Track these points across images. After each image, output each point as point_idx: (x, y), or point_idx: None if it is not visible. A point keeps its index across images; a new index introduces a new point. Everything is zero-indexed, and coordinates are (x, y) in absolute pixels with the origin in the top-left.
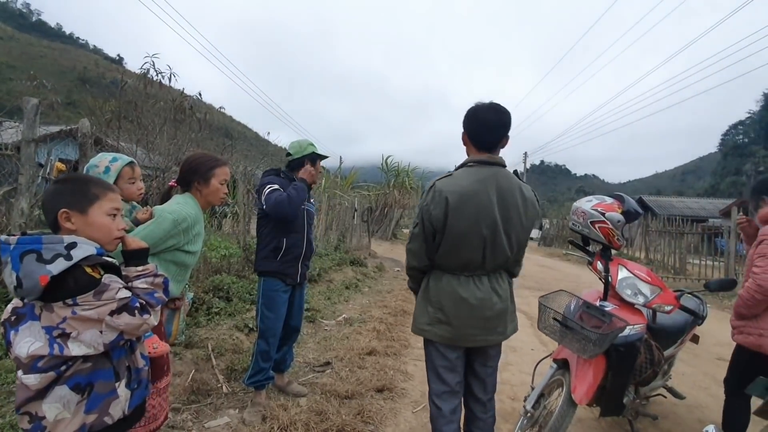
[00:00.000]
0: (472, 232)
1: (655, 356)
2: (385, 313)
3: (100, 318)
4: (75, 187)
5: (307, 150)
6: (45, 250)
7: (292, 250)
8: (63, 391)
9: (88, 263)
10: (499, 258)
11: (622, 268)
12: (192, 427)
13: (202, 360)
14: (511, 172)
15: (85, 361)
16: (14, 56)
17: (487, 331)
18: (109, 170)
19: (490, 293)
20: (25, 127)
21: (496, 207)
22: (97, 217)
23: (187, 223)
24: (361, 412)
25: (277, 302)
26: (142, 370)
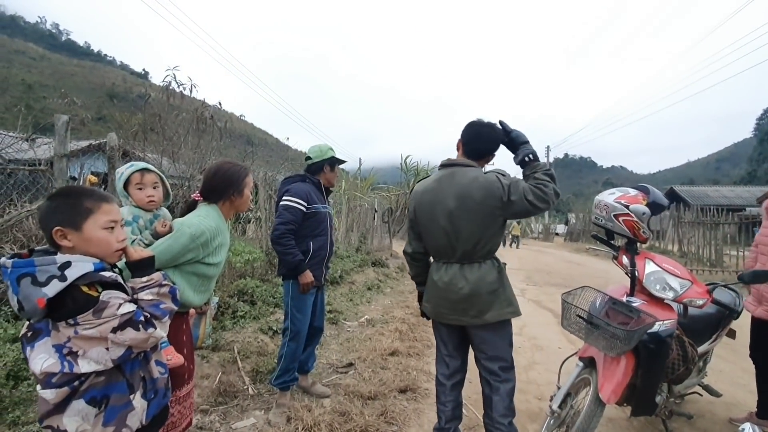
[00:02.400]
0: (432, 222)
1: (688, 353)
2: (408, 314)
3: (103, 336)
4: (67, 202)
5: (327, 154)
6: (39, 272)
7: (319, 252)
8: (80, 405)
9: (84, 282)
10: (465, 245)
11: (650, 262)
12: (219, 428)
13: (229, 362)
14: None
15: (99, 376)
16: (46, 75)
17: (456, 311)
18: (122, 176)
19: (458, 278)
20: (56, 143)
21: (452, 200)
22: (93, 232)
23: (205, 237)
24: (384, 412)
25: (307, 304)
26: (159, 380)
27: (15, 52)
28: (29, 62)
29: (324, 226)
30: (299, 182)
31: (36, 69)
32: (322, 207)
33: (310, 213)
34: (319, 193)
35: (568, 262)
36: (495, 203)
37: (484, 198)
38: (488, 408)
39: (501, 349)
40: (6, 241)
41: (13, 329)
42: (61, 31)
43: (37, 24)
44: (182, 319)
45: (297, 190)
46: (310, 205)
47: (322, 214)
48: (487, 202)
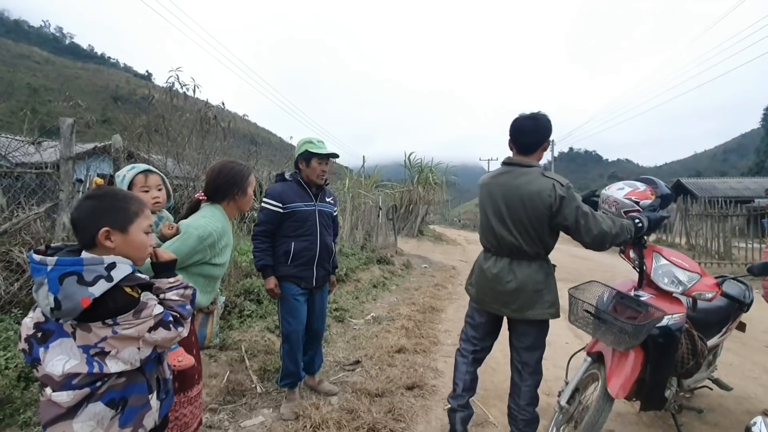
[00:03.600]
0: (485, 217)
1: (698, 346)
2: (414, 311)
3: (140, 336)
4: (116, 205)
5: (300, 149)
6: (86, 272)
7: (304, 253)
8: (97, 408)
9: (127, 283)
10: (508, 242)
11: (658, 256)
12: (228, 427)
13: (236, 361)
14: (533, 170)
15: (119, 377)
16: (51, 79)
17: (499, 302)
18: (125, 178)
19: (506, 272)
20: (62, 146)
21: (501, 199)
22: (136, 236)
23: (212, 238)
24: (391, 409)
25: (295, 306)
26: (169, 381)
27: (19, 56)
28: (34, 66)
29: (310, 225)
30: (278, 182)
31: (41, 73)
32: (305, 206)
33: (287, 213)
34: (302, 191)
35: (575, 256)
36: (543, 209)
37: (532, 201)
38: (516, 395)
39: (538, 344)
40: (15, 243)
41: None
42: (65, 35)
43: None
44: (192, 321)
45: (271, 191)
46: (287, 204)
47: (305, 213)
48: (535, 205)
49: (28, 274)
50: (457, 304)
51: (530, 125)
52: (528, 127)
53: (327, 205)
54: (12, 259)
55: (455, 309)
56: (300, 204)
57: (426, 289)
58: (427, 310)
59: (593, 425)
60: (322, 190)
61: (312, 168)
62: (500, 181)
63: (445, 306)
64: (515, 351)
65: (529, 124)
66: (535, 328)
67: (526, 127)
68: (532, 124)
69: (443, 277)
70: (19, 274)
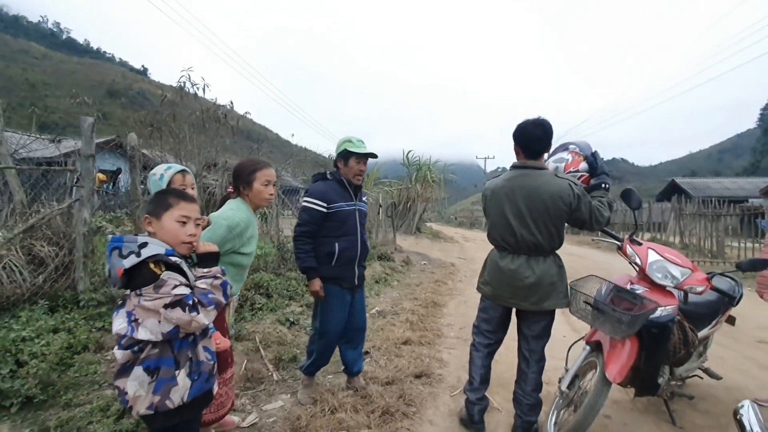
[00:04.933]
0: (501, 218)
1: (689, 337)
2: (416, 305)
3: (156, 309)
4: (159, 198)
5: (339, 148)
6: (124, 247)
7: (346, 253)
8: (139, 372)
9: (154, 260)
10: (528, 240)
11: (652, 252)
12: (252, 410)
13: (252, 351)
14: (545, 172)
15: (153, 348)
16: (48, 74)
17: (518, 297)
18: (163, 177)
19: (525, 268)
20: (83, 144)
21: (522, 201)
22: (167, 223)
23: (240, 227)
24: (402, 395)
25: (336, 307)
26: (203, 363)
27: (18, 52)
28: (32, 61)
29: (350, 224)
30: (319, 181)
31: (38, 68)
32: (347, 205)
33: (331, 213)
34: (343, 190)
35: (571, 254)
36: (564, 207)
37: (554, 201)
38: (522, 382)
39: (546, 332)
40: (37, 238)
41: (52, 321)
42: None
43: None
44: (223, 309)
45: (314, 190)
46: (331, 204)
47: (346, 213)
48: (557, 205)
49: (52, 267)
50: (457, 299)
51: (540, 132)
52: (539, 134)
53: (363, 204)
54: (36, 253)
55: (456, 304)
56: (342, 204)
57: (427, 285)
58: (430, 305)
59: (592, 407)
60: (360, 190)
61: (350, 167)
62: (519, 183)
63: (447, 301)
64: (525, 340)
65: (540, 131)
66: (547, 317)
67: (536, 135)
68: (542, 131)
69: (443, 274)
70: (43, 267)
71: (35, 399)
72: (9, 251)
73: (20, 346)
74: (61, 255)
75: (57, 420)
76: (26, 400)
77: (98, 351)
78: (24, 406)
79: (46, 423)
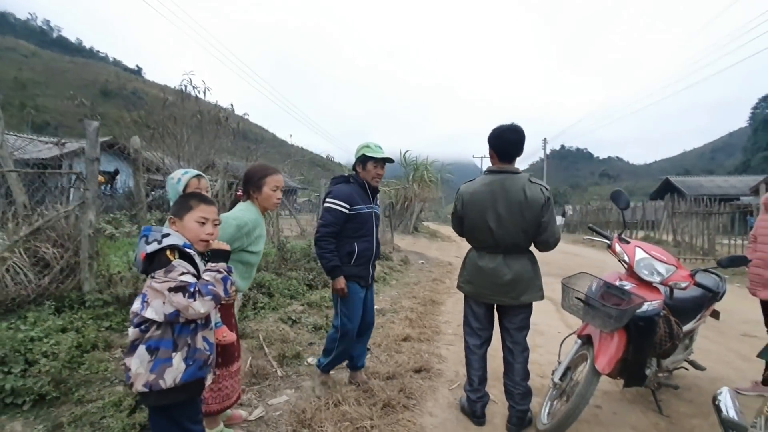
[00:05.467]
0: (480, 221)
1: (674, 330)
2: (415, 303)
3: (162, 291)
4: (182, 201)
5: (358, 153)
6: (150, 236)
7: (365, 253)
8: (141, 350)
9: (172, 249)
10: (507, 240)
11: (639, 250)
12: (258, 404)
13: (256, 349)
14: (521, 176)
15: (157, 329)
16: (38, 72)
17: (498, 293)
18: (180, 181)
19: (503, 266)
20: (87, 147)
21: (502, 205)
22: (188, 222)
23: (248, 227)
24: (402, 389)
25: (356, 304)
26: (199, 351)
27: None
28: (21, 59)
29: (368, 226)
30: (342, 183)
31: (27, 66)
32: (366, 208)
33: (353, 214)
34: (363, 193)
35: (566, 253)
36: (538, 209)
37: (530, 204)
38: (510, 373)
39: (527, 324)
40: (42, 240)
41: (60, 321)
42: (53, 28)
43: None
44: (231, 304)
45: (339, 192)
46: (353, 206)
47: (366, 215)
48: (532, 206)
49: (57, 268)
50: (455, 297)
51: (516, 138)
52: (514, 139)
53: (378, 207)
54: (41, 255)
55: (454, 302)
56: (363, 206)
57: (425, 284)
58: (428, 303)
59: (582, 396)
60: (377, 192)
61: (368, 171)
62: (498, 187)
63: (445, 299)
64: (507, 333)
65: (515, 136)
66: (526, 310)
67: (512, 140)
68: (517, 137)
69: (441, 273)
70: (48, 269)
71: (47, 396)
72: (13, 254)
73: (29, 345)
74: (67, 256)
75: (70, 416)
76: (39, 397)
77: (107, 349)
78: (36, 403)
79: (59, 419)
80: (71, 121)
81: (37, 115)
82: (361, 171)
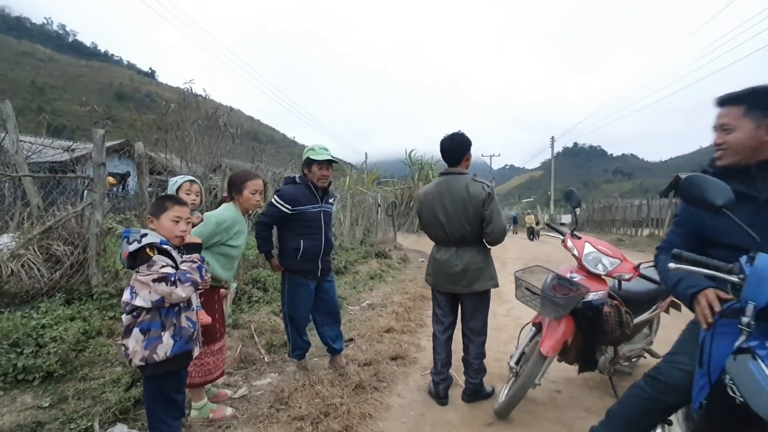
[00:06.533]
0: (433, 218)
1: (624, 319)
2: (405, 298)
3: (147, 282)
4: (159, 202)
5: (304, 156)
6: (131, 236)
7: (311, 250)
8: (136, 332)
9: (150, 246)
10: (455, 234)
11: (588, 245)
12: (242, 384)
13: (247, 338)
14: (465, 176)
15: (147, 314)
16: (55, 77)
17: (452, 282)
18: (176, 183)
19: (454, 258)
20: (95, 153)
21: (448, 202)
22: (164, 222)
23: (227, 224)
24: (376, 374)
25: (302, 295)
26: (184, 329)
27: (22, 54)
28: (37, 64)
29: (316, 224)
30: (290, 184)
31: (44, 71)
32: (313, 207)
33: (295, 214)
34: (310, 193)
35: (553, 244)
36: (479, 204)
37: (472, 200)
38: (466, 353)
39: (481, 312)
40: (54, 238)
41: (69, 311)
42: (68, 32)
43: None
44: (214, 291)
45: (284, 192)
46: (295, 207)
47: (313, 214)
48: (473, 203)
49: (67, 264)
50: None
51: (449, 144)
52: (447, 146)
53: (329, 206)
54: (53, 252)
55: None
56: (308, 206)
57: (419, 280)
58: (418, 298)
59: (529, 377)
60: (327, 192)
61: (313, 173)
62: (445, 187)
63: None
64: (464, 319)
65: (448, 143)
66: (479, 297)
67: (446, 146)
68: (450, 143)
69: None
70: (60, 265)
71: (55, 374)
72: (27, 251)
73: (40, 332)
74: (76, 253)
75: (74, 390)
76: (47, 375)
77: (110, 336)
78: (44, 380)
79: (64, 393)
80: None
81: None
82: (308, 173)
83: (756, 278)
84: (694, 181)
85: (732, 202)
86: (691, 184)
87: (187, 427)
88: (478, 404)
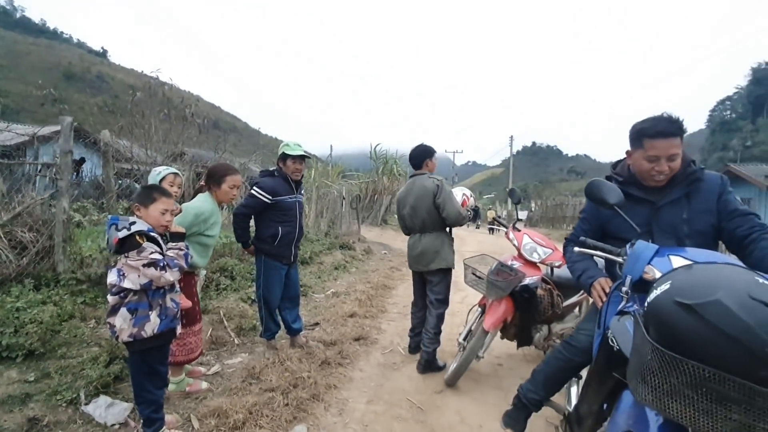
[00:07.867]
0: (401, 212)
1: (555, 301)
2: (368, 287)
3: (137, 267)
4: (147, 192)
5: (279, 151)
6: (119, 224)
7: (288, 236)
8: (123, 311)
9: (139, 234)
10: (417, 222)
11: (526, 236)
12: (215, 363)
13: (217, 322)
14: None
15: (134, 295)
16: (0, 55)
17: (416, 263)
18: (160, 174)
19: (416, 242)
20: (61, 141)
21: (411, 198)
22: (152, 211)
23: (204, 215)
24: (340, 352)
25: (276, 278)
26: (169, 309)
27: None
28: None
29: (292, 213)
30: (268, 177)
31: None
32: (290, 198)
33: (275, 204)
34: (287, 185)
35: (500, 238)
36: (431, 196)
37: (426, 193)
38: (426, 324)
39: (441, 288)
40: (18, 224)
41: (40, 296)
42: (15, 8)
43: None
44: (192, 276)
45: (264, 184)
46: (275, 197)
47: (290, 203)
48: (427, 195)
49: (33, 251)
50: (407, 283)
51: (413, 152)
52: (413, 153)
53: (301, 197)
54: (19, 239)
55: (406, 287)
56: (285, 197)
57: (382, 271)
58: (380, 287)
59: (472, 350)
60: (300, 184)
61: (288, 166)
62: (410, 186)
63: (397, 285)
64: (429, 292)
65: (413, 152)
66: (437, 275)
67: (412, 154)
68: (414, 152)
69: (400, 262)
70: (26, 251)
71: (36, 352)
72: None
73: (16, 315)
74: (42, 240)
75: (56, 367)
76: (29, 353)
77: (83, 320)
78: (27, 357)
79: (47, 370)
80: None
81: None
82: (283, 166)
83: (633, 258)
84: (595, 184)
85: (622, 201)
86: (593, 187)
87: (165, 400)
88: (430, 375)
